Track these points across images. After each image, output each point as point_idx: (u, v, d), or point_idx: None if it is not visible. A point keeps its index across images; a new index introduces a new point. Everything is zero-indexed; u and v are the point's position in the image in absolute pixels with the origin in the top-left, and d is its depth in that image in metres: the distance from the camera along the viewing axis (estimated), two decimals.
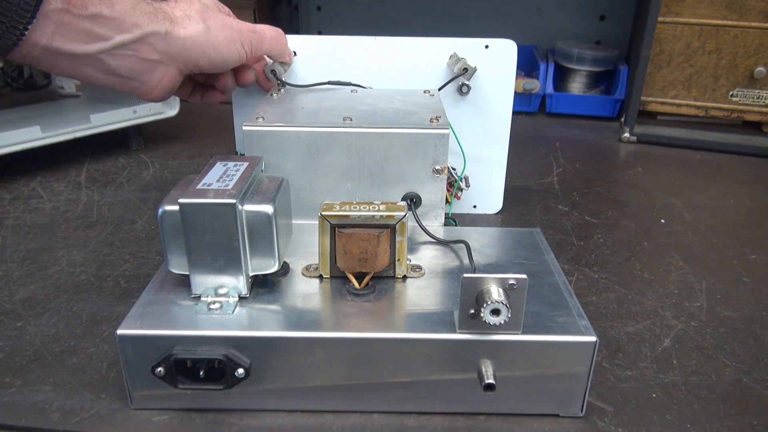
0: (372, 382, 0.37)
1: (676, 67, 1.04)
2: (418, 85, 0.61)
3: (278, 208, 0.38)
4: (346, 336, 0.36)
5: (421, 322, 0.37)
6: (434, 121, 0.50)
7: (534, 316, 0.37)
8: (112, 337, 0.37)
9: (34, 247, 0.58)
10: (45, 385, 0.40)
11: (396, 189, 0.51)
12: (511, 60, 0.60)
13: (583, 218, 0.67)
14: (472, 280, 0.34)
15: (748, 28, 0.99)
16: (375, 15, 1.35)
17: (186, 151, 0.87)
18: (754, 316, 0.50)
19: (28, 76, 1.12)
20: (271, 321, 0.37)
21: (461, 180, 0.59)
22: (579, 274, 0.55)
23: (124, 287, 0.51)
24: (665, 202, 0.73)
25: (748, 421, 0.38)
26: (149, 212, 0.66)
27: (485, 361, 0.36)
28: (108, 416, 0.37)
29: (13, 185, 0.73)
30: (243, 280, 0.38)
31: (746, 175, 0.85)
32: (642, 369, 0.43)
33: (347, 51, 0.61)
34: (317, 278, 0.41)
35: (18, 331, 0.45)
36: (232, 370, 0.35)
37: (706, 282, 0.55)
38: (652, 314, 0.49)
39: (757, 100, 1.03)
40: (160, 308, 0.37)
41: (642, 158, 0.90)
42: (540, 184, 0.78)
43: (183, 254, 0.38)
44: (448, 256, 0.45)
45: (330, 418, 0.37)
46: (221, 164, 0.42)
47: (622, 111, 1.07)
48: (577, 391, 0.37)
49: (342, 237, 0.39)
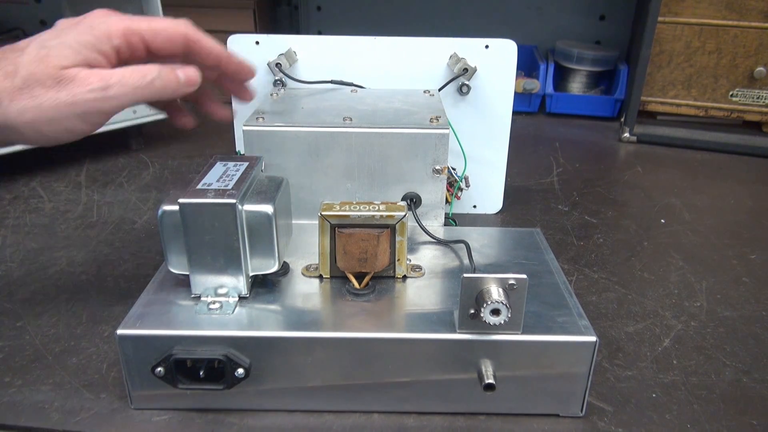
0: (372, 382, 0.37)
1: (676, 67, 1.04)
2: (418, 85, 0.61)
3: (278, 208, 0.38)
4: (346, 336, 0.36)
5: (421, 322, 0.37)
6: (434, 121, 0.50)
7: (534, 316, 0.37)
8: (112, 337, 0.37)
9: (34, 247, 0.58)
10: (45, 385, 0.40)
11: (396, 189, 0.51)
12: (511, 60, 0.60)
13: (583, 218, 0.67)
14: (472, 280, 0.33)
15: (748, 28, 0.99)
16: (375, 15, 1.35)
17: (186, 151, 0.87)
18: (754, 316, 0.50)
19: None
20: (271, 321, 0.37)
21: (461, 180, 0.59)
22: (579, 274, 0.55)
23: (124, 287, 0.51)
24: (665, 202, 0.73)
25: (748, 421, 0.38)
26: (149, 212, 0.66)
27: (485, 361, 0.36)
28: (108, 416, 0.37)
29: (13, 185, 0.73)
30: (243, 280, 0.38)
31: (746, 175, 0.85)
32: (642, 369, 0.43)
33: (347, 51, 0.61)
34: (317, 278, 0.41)
35: (18, 331, 0.45)
36: (232, 370, 0.35)
37: (706, 282, 0.55)
38: (652, 314, 0.49)
39: (757, 100, 1.03)
40: (160, 308, 0.37)
41: (642, 158, 0.90)
42: (540, 184, 0.78)
43: (183, 254, 0.38)
44: (448, 256, 0.45)
45: (330, 418, 0.37)
46: (221, 164, 0.41)
47: (622, 111, 1.07)
48: (577, 391, 0.37)
49: (342, 237, 0.39)
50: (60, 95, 0.37)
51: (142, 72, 0.39)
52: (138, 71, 0.39)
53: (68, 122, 0.38)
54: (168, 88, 0.41)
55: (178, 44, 0.43)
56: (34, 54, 0.37)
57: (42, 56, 0.37)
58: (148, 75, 0.39)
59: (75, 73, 0.38)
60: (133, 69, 0.39)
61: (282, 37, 0.61)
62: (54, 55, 0.37)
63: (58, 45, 0.38)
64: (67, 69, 0.37)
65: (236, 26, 1.27)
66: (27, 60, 0.37)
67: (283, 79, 0.60)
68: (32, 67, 0.37)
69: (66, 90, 0.37)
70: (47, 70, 0.37)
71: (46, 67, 0.37)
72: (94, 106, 0.38)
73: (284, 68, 0.59)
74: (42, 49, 0.37)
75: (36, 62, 0.37)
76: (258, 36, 0.61)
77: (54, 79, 0.37)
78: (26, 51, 0.37)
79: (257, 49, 0.61)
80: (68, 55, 0.38)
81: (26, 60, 0.37)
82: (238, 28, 1.20)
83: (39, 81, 0.37)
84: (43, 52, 0.37)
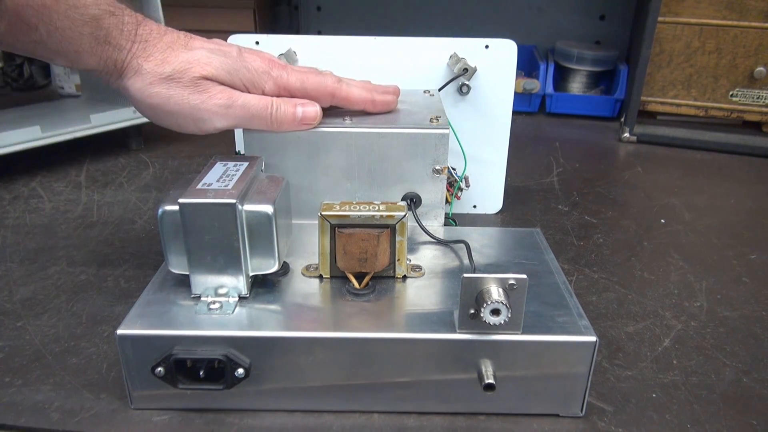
0: (372, 382, 0.37)
1: (676, 67, 1.04)
2: (418, 85, 0.61)
3: (278, 208, 0.38)
4: (346, 336, 0.36)
5: (421, 322, 0.37)
6: (434, 121, 0.50)
7: (534, 316, 0.37)
8: (112, 337, 0.37)
9: (34, 247, 0.58)
10: (45, 385, 0.40)
11: (396, 189, 0.51)
12: (511, 60, 0.60)
13: (583, 218, 0.67)
14: (472, 280, 0.34)
15: (748, 28, 0.99)
16: (375, 15, 1.35)
17: (186, 151, 0.87)
18: (754, 316, 0.50)
19: (28, 76, 1.12)
20: (271, 321, 0.37)
21: (461, 180, 0.59)
22: (579, 274, 0.55)
23: (124, 287, 0.51)
24: (665, 202, 0.73)
25: (748, 421, 0.38)
26: (149, 212, 0.66)
27: (485, 361, 0.36)
28: (108, 416, 0.37)
29: (13, 185, 0.73)
30: (243, 280, 0.38)
31: (746, 175, 0.85)
32: (642, 369, 0.43)
33: (347, 51, 0.61)
34: (317, 278, 0.41)
35: (18, 331, 0.45)
36: (232, 370, 0.35)
37: (706, 282, 0.55)
38: (652, 314, 0.49)
39: (757, 100, 1.03)
40: (160, 308, 0.37)
41: (642, 158, 0.90)
42: (540, 184, 0.78)
43: (183, 254, 0.38)
44: (448, 256, 0.45)
45: (330, 418, 0.37)
46: (221, 164, 0.42)
47: (622, 111, 1.07)
48: (577, 391, 0.37)
49: (342, 237, 0.39)
50: (191, 98, 0.43)
51: (264, 103, 0.46)
52: (261, 101, 0.46)
53: (183, 120, 0.44)
54: (284, 123, 0.47)
55: (324, 101, 0.49)
56: (193, 58, 0.43)
57: (194, 61, 0.43)
58: (269, 107, 0.46)
59: (210, 86, 0.44)
60: (258, 98, 0.46)
61: (282, 37, 0.61)
62: (203, 64, 0.43)
63: (212, 59, 0.44)
64: (206, 80, 0.44)
65: (236, 26, 1.27)
66: (184, 59, 0.43)
67: None
68: (182, 66, 0.43)
69: (197, 95, 0.43)
70: (191, 74, 0.43)
71: (192, 72, 0.43)
72: (213, 117, 0.44)
73: None
74: (203, 56, 0.44)
75: (186, 64, 0.43)
76: (258, 36, 0.61)
77: (193, 82, 0.43)
78: (192, 52, 0.44)
79: (257, 49, 0.60)
80: (211, 71, 0.44)
81: (184, 59, 0.43)
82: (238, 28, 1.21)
83: (180, 81, 0.43)
84: (196, 59, 0.44)
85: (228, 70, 0.44)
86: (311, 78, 0.48)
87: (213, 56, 0.44)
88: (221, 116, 0.45)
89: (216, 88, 0.44)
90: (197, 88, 0.43)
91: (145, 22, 0.44)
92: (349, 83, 0.50)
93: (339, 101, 0.50)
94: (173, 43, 0.44)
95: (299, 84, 0.47)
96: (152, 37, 0.43)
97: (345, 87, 0.49)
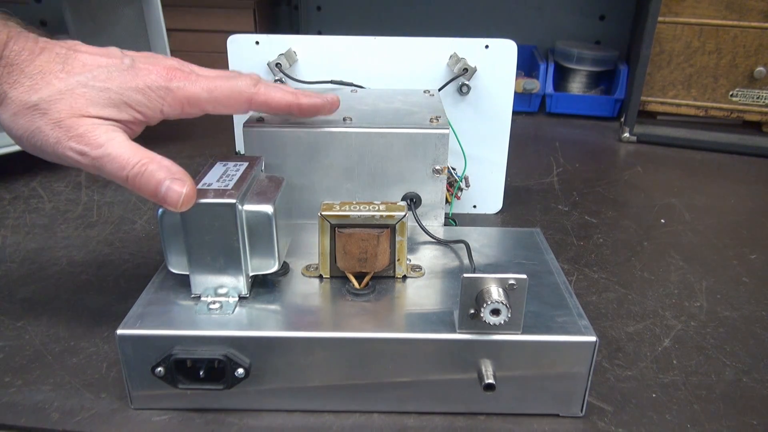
0: (372, 382, 0.37)
1: (676, 67, 1.04)
2: (418, 85, 0.61)
3: (278, 208, 0.38)
4: (346, 336, 0.36)
5: (421, 322, 0.37)
6: (434, 121, 0.50)
7: (534, 316, 0.37)
8: (112, 337, 0.37)
9: (34, 247, 0.58)
10: (45, 385, 0.40)
11: (396, 189, 0.51)
12: (511, 60, 0.60)
13: (583, 218, 0.67)
14: (472, 280, 0.34)
15: (748, 28, 0.99)
16: (375, 15, 1.35)
17: (186, 151, 0.87)
18: (754, 316, 0.50)
19: None
20: (271, 321, 0.37)
21: (461, 180, 0.59)
22: (579, 274, 0.55)
23: (124, 287, 0.51)
24: (665, 202, 0.73)
25: (748, 421, 0.38)
26: (149, 212, 0.66)
27: (485, 361, 0.36)
28: (108, 416, 0.37)
29: (13, 185, 0.73)
30: (243, 280, 0.38)
31: (746, 175, 0.85)
32: (642, 369, 0.43)
33: (347, 51, 0.61)
34: (317, 278, 0.41)
35: (18, 331, 0.45)
36: (232, 370, 0.35)
37: (706, 282, 0.55)
38: (652, 314, 0.49)
39: (756, 100, 1.03)
40: (160, 308, 0.37)
41: (642, 158, 0.90)
42: (540, 184, 0.78)
43: (183, 254, 0.38)
44: (448, 256, 0.45)
45: (330, 418, 0.37)
46: (221, 164, 0.42)
47: (622, 111, 1.07)
48: (577, 391, 0.37)
49: (342, 237, 0.39)
50: (51, 135, 0.36)
51: (124, 161, 0.37)
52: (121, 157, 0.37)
53: (54, 159, 0.38)
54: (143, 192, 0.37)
55: (240, 108, 0.43)
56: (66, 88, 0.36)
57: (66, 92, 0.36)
58: (126, 168, 0.37)
59: (74, 124, 0.36)
60: (120, 152, 0.37)
61: (282, 37, 0.61)
62: (77, 96, 0.36)
63: (86, 92, 0.37)
64: (75, 117, 0.36)
65: (236, 26, 1.27)
66: (56, 89, 0.36)
67: (283, 79, 0.60)
68: (51, 97, 0.36)
69: (57, 133, 0.36)
70: (58, 107, 0.36)
71: (59, 105, 0.36)
72: (72, 164, 0.37)
73: (284, 68, 0.59)
74: (76, 86, 0.37)
75: (57, 95, 0.36)
76: (258, 36, 0.61)
77: (57, 118, 0.36)
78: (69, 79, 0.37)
79: (257, 49, 0.61)
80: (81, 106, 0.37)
81: (55, 88, 0.36)
82: (238, 28, 1.20)
83: (46, 113, 0.36)
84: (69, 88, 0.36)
85: (106, 103, 0.37)
86: (221, 85, 0.41)
87: (89, 87, 0.37)
88: (78, 164, 0.37)
89: (81, 128, 0.36)
90: (60, 125, 0.36)
91: (16, 38, 0.37)
92: (267, 86, 0.43)
93: (258, 107, 0.43)
94: (46, 67, 0.37)
95: (206, 94, 0.40)
96: (21, 58, 0.36)
97: (263, 90, 0.43)
